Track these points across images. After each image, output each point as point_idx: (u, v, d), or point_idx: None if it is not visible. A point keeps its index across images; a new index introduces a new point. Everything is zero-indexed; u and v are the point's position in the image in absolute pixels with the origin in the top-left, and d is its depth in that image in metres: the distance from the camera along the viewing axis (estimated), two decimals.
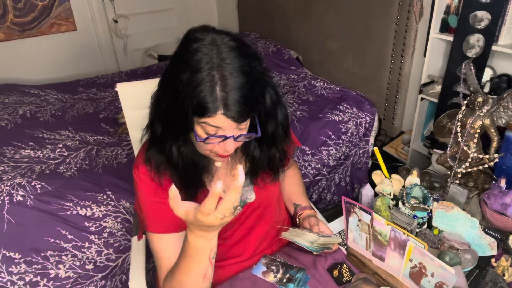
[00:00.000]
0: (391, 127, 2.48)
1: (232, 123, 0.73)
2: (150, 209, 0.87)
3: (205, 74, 0.69)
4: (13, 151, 1.79)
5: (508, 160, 1.19)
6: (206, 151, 0.81)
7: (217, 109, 0.70)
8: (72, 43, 3.07)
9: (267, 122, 0.84)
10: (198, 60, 0.70)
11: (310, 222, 0.99)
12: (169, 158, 0.82)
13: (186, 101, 0.70)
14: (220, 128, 0.73)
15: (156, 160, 0.83)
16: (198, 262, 0.74)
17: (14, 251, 1.43)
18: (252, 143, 0.89)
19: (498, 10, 1.61)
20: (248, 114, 0.74)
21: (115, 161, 1.79)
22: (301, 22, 2.77)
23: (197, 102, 0.69)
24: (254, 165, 0.92)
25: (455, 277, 0.72)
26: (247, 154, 0.91)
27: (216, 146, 0.78)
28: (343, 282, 0.92)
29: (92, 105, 2.41)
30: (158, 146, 0.83)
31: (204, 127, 0.73)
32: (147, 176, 0.85)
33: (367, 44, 2.35)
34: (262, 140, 0.87)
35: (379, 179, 1.12)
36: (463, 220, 0.99)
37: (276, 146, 0.91)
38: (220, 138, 0.75)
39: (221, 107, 0.70)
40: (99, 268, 1.54)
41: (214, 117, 0.71)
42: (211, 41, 0.72)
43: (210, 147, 0.78)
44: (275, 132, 0.87)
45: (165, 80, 0.77)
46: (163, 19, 3.43)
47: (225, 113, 0.70)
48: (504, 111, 1.09)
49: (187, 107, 0.71)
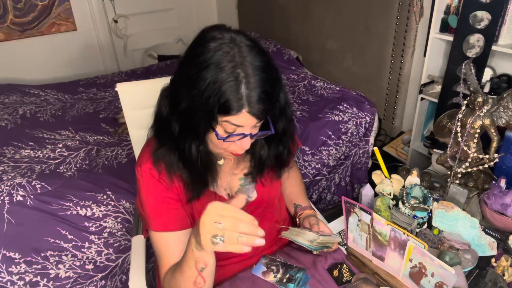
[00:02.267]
0: (391, 127, 2.48)
1: (253, 121, 0.74)
2: (152, 207, 0.87)
3: (230, 73, 0.70)
4: (13, 151, 1.79)
5: (508, 160, 1.19)
6: (221, 150, 0.82)
7: (242, 107, 0.71)
8: (72, 43, 3.08)
9: (279, 120, 0.86)
10: (220, 59, 0.71)
11: (310, 221, 1.00)
12: (186, 156, 0.82)
13: (211, 100, 0.71)
14: (240, 126, 0.75)
15: (168, 159, 0.84)
16: (189, 266, 0.73)
17: (14, 251, 1.43)
18: (259, 142, 0.91)
19: (498, 10, 1.61)
20: (269, 111, 0.76)
21: (115, 161, 1.79)
22: (301, 22, 2.77)
23: (223, 100, 0.70)
24: (261, 163, 0.93)
25: (455, 277, 0.72)
26: (253, 152, 0.92)
27: (232, 145, 0.79)
28: (343, 282, 0.92)
29: (92, 105, 2.41)
30: (170, 146, 0.83)
31: (225, 126, 0.75)
32: (150, 174, 0.86)
33: (367, 44, 2.35)
34: (272, 138, 0.89)
35: (379, 179, 1.12)
36: (463, 220, 0.99)
37: (284, 144, 0.93)
38: (240, 136, 0.76)
39: (246, 104, 0.71)
40: (99, 268, 1.54)
41: (238, 115, 0.72)
42: (231, 40, 0.73)
43: (227, 145, 0.79)
44: (286, 129, 0.89)
45: (184, 79, 0.76)
46: (163, 19, 3.42)
47: (249, 110, 0.72)
48: (504, 111, 1.09)
49: (212, 105, 0.71)
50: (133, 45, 3.34)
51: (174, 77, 0.81)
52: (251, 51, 0.73)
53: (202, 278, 0.73)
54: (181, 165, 0.84)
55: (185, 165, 0.83)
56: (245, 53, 0.72)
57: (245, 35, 0.76)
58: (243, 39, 0.74)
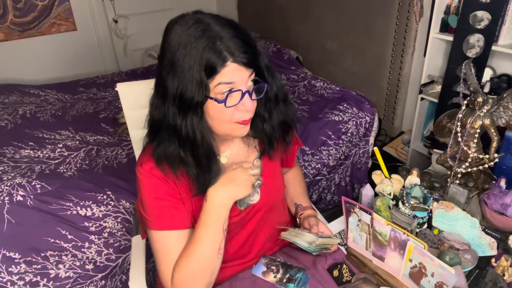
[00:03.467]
0: (391, 127, 2.48)
1: (243, 71, 0.76)
2: (153, 206, 0.86)
3: (200, 38, 0.73)
4: (13, 151, 1.79)
5: (508, 160, 1.19)
6: (227, 124, 0.81)
7: (225, 59, 0.73)
8: (72, 43, 3.07)
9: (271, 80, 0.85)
10: (189, 33, 0.74)
11: (310, 222, 1.00)
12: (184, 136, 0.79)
13: (195, 69, 0.73)
14: (233, 82, 0.76)
15: (170, 153, 0.82)
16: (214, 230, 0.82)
17: (14, 251, 1.43)
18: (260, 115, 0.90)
19: (498, 10, 1.61)
20: (253, 57, 0.77)
21: (115, 161, 1.79)
22: (301, 22, 2.77)
23: (205, 62, 0.73)
24: (268, 138, 0.93)
25: (455, 277, 0.72)
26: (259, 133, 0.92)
27: (236, 112, 0.80)
28: (343, 282, 0.92)
29: (92, 105, 2.41)
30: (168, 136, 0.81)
31: (219, 89, 0.75)
32: (151, 173, 0.85)
33: (367, 44, 2.35)
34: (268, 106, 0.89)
35: (379, 179, 1.12)
36: (463, 220, 0.99)
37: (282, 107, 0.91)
38: (238, 93, 0.77)
39: (228, 55, 0.73)
40: (99, 268, 1.54)
41: (225, 69, 0.74)
42: (192, 17, 0.78)
43: (230, 116, 0.79)
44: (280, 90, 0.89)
45: (164, 65, 0.78)
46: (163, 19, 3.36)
47: (234, 59, 0.74)
48: (504, 111, 1.09)
49: (197, 73, 0.73)
50: (133, 45, 3.34)
51: (156, 75, 0.83)
52: (213, 17, 0.77)
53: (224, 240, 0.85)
54: (182, 154, 0.82)
55: (186, 150, 0.81)
56: (208, 20, 0.76)
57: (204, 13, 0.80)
58: (205, 13, 0.79)
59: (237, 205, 0.94)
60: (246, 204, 0.95)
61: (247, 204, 0.95)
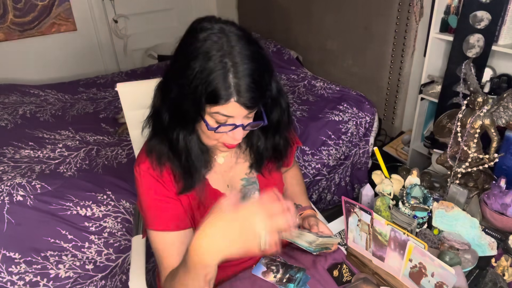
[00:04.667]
0: (391, 127, 2.48)
1: (243, 111, 0.73)
2: (150, 206, 0.86)
3: (218, 62, 0.70)
4: (13, 151, 1.79)
5: (508, 160, 1.19)
6: (213, 141, 0.81)
7: (230, 96, 0.71)
8: (72, 43, 3.07)
9: (273, 110, 0.85)
10: (209, 48, 0.71)
11: (309, 222, 0.99)
12: (174, 147, 0.81)
13: (198, 88, 0.71)
14: (231, 117, 0.74)
15: (158, 150, 0.84)
16: (194, 279, 0.69)
17: (14, 251, 1.43)
18: (255, 133, 0.90)
19: (498, 10, 1.61)
20: (259, 100, 0.75)
21: (115, 161, 1.79)
22: (301, 22, 2.77)
23: (210, 89, 0.70)
24: (259, 155, 0.93)
25: (455, 277, 0.72)
26: (251, 145, 0.92)
27: (224, 136, 0.79)
28: (343, 282, 0.92)
29: (92, 105, 2.41)
30: (161, 136, 0.83)
31: (215, 116, 0.74)
32: (149, 174, 0.85)
33: (367, 44, 2.35)
34: (267, 128, 0.88)
35: (379, 179, 1.12)
36: (463, 220, 0.99)
37: (280, 134, 0.92)
38: (231, 126, 0.76)
39: (234, 94, 0.71)
40: (99, 268, 1.54)
41: (227, 105, 0.71)
42: (220, 29, 0.73)
43: (218, 137, 0.79)
44: (280, 120, 0.88)
45: (174, 68, 0.77)
46: (163, 19, 3.42)
47: (238, 100, 0.71)
48: (504, 111, 1.09)
49: (199, 94, 0.71)
50: (133, 45, 3.34)
51: (165, 68, 0.81)
52: (240, 40, 0.73)
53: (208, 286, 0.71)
54: (171, 156, 0.83)
55: (174, 156, 0.83)
56: (233, 42, 0.72)
57: (235, 25, 0.76)
58: (232, 29, 0.74)
59: None
60: None
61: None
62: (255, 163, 0.94)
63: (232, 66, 0.70)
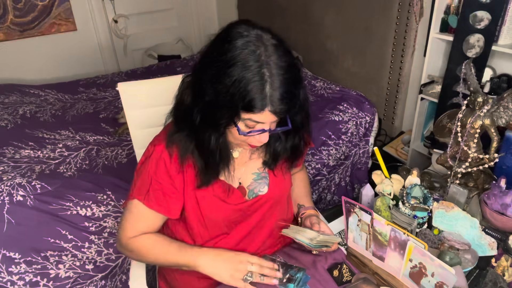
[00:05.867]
0: (391, 127, 2.48)
1: (274, 118, 0.77)
2: (147, 180, 0.90)
3: (256, 72, 0.72)
4: (13, 151, 1.79)
5: (508, 160, 1.19)
6: (240, 142, 0.85)
7: (265, 106, 0.74)
8: (72, 43, 3.07)
9: (297, 114, 0.88)
10: (247, 57, 0.72)
11: (311, 220, 1.00)
12: (205, 147, 0.84)
13: (235, 97, 0.73)
14: (262, 123, 0.77)
15: (183, 145, 0.86)
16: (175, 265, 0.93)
17: (14, 251, 1.43)
18: (276, 134, 0.93)
19: (498, 10, 1.61)
20: (290, 109, 0.79)
21: (115, 161, 1.79)
22: (301, 22, 2.77)
23: (248, 99, 0.73)
24: (275, 154, 0.95)
25: (455, 277, 0.72)
26: (269, 144, 0.93)
27: (251, 137, 0.82)
28: (343, 282, 0.92)
29: (92, 105, 2.41)
30: (187, 132, 0.85)
31: (247, 122, 0.77)
32: (161, 157, 0.88)
33: (367, 44, 2.35)
34: (289, 130, 0.90)
35: (379, 179, 1.12)
36: (463, 220, 0.99)
37: (300, 136, 0.95)
38: (259, 131, 0.80)
39: (269, 103, 0.74)
40: (99, 268, 1.54)
41: (261, 114, 0.75)
42: (257, 37, 0.74)
43: (245, 138, 0.82)
44: (303, 123, 0.91)
45: (210, 73, 0.77)
46: (163, 19, 3.42)
47: (271, 109, 0.75)
48: (504, 111, 1.09)
49: (236, 102, 0.73)
50: (133, 45, 3.34)
51: (198, 68, 0.81)
52: (276, 50, 0.75)
53: None
54: (196, 153, 0.86)
55: (201, 155, 0.86)
56: (270, 52, 0.74)
57: (271, 33, 0.78)
58: (269, 37, 0.76)
59: (245, 196, 0.97)
60: (255, 195, 0.97)
61: (255, 195, 0.97)
62: (270, 161, 0.97)
63: (269, 77, 0.73)
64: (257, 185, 0.98)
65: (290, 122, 0.84)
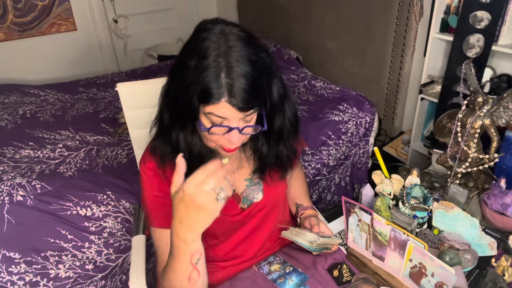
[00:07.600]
0: (391, 127, 2.48)
1: (237, 113, 0.72)
2: (153, 203, 0.87)
3: (212, 61, 0.69)
4: (13, 151, 1.79)
5: (508, 160, 1.19)
6: (212, 143, 0.81)
7: (221, 95, 0.69)
8: (72, 43, 3.07)
9: (275, 116, 0.84)
10: (205, 47, 0.71)
11: (310, 222, 1.00)
12: (175, 147, 0.81)
13: (191, 87, 0.71)
14: (225, 118, 0.73)
15: (162, 150, 0.84)
16: (181, 262, 0.70)
17: (14, 251, 1.43)
18: (260, 139, 0.89)
19: (498, 10, 1.61)
20: (253, 103, 0.73)
21: (115, 161, 1.79)
22: (301, 22, 2.77)
23: (201, 87, 0.70)
24: (262, 162, 0.92)
25: (455, 277, 0.72)
26: (256, 150, 0.91)
27: (221, 138, 0.77)
28: (343, 282, 0.92)
29: (92, 105, 2.41)
30: (165, 136, 0.83)
31: (210, 117, 0.73)
32: (152, 171, 0.86)
33: (367, 44, 2.35)
34: (270, 135, 0.87)
35: (379, 179, 1.12)
36: (463, 220, 0.99)
37: (284, 143, 0.90)
38: (225, 128, 0.74)
39: (226, 94, 0.69)
40: (99, 268, 1.54)
41: (218, 105, 0.70)
42: (220, 30, 0.73)
43: (215, 139, 0.78)
44: (282, 127, 0.86)
45: (174, 68, 0.78)
46: (163, 19, 3.42)
47: (229, 100, 0.70)
48: (504, 111, 1.09)
49: (192, 93, 0.71)
50: (133, 45, 3.34)
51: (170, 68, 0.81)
52: (239, 41, 0.72)
53: (197, 271, 0.71)
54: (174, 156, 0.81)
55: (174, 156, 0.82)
56: (232, 43, 0.71)
57: (239, 27, 0.75)
58: (234, 30, 0.73)
59: (240, 203, 0.94)
60: (250, 202, 0.96)
61: (250, 202, 0.96)
62: (258, 169, 0.94)
63: (225, 66, 0.69)
64: (251, 191, 0.96)
65: (266, 124, 0.79)
